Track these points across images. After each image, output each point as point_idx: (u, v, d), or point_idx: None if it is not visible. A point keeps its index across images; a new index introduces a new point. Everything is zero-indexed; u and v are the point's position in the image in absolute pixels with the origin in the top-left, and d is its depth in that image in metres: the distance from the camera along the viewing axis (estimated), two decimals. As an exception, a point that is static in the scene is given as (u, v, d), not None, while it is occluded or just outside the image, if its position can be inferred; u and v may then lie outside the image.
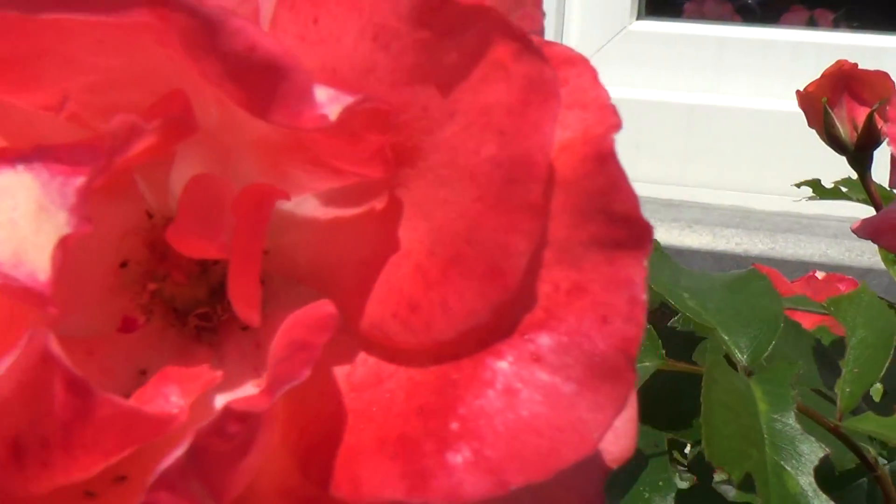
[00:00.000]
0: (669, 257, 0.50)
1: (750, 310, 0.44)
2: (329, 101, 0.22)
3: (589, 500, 0.24)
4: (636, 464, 0.42)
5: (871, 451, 0.42)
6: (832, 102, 0.67)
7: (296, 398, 0.24)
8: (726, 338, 0.42)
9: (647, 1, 2.09)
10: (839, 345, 0.59)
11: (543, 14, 0.26)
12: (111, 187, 0.26)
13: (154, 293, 0.27)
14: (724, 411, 0.36)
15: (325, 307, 0.22)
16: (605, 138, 0.21)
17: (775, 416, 0.37)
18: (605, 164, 0.21)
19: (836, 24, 1.93)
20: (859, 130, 0.66)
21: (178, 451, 0.19)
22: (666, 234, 1.71)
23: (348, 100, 0.21)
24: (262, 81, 0.21)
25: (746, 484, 0.35)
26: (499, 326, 0.22)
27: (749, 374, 0.41)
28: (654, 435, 0.44)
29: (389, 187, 0.24)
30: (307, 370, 0.21)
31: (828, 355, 0.53)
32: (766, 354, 0.42)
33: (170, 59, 0.23)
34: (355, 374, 0.24)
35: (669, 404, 0.43)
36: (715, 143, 1.91)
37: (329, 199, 0.26)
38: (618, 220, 0.21)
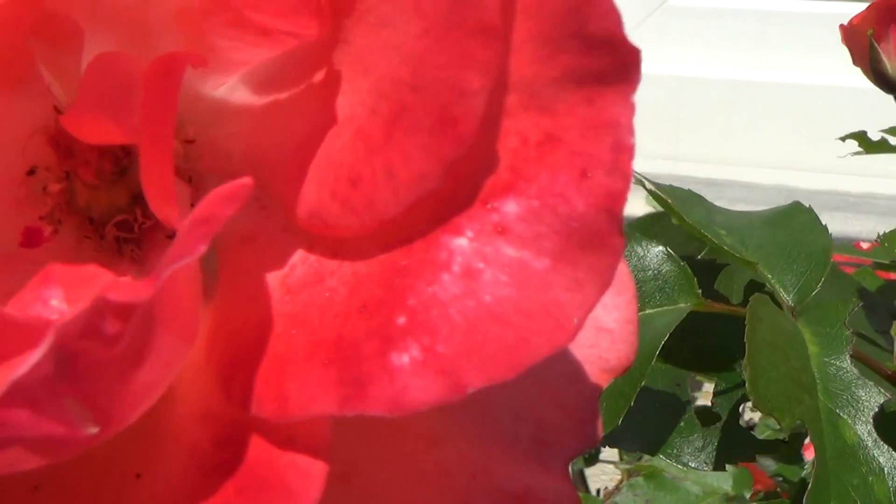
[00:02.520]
0: (702, 197, 0.45)
1: (795, 245, 0.40)
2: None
3: (580, 418, 0.20)
4: (655, 403, 0.37)
5: None
6: (879, 36, 0.62)
7: (222, 307, 0.20)
8: (769, 276, 0.38)
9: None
10: (887, 289, 0.54)
11: None
12: (9, 81, 0.22)
13: (62, 197, 0.22)
14: (772, 352, 0.33)
15: (241, 181, 0.18)
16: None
17: (827, 360, 0.34)
18: (576, -26, 0.16)
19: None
20: None
21: (36, 355, 0.15)
22: (709, 212, 1.66)
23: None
24: None
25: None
26: (456, 195, 0.17)
27: (796, 315, 0.36)
28: (676, 374, 0.40)
29: (328, 51, 0.20)
30: (204, 244, 0.16)
31: (874, 300, 0.49)
32: (814, 293, 0.38)
33: None
34: (293, 275, 0.20)
35: (697, 343, 0.39)
36: (758, 120, 1.85)
37: (264, 80, 0.22)
38: (596, 46, 0.16)
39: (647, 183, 0.42)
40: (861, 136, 0.76)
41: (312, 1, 0.19)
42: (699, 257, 0.44)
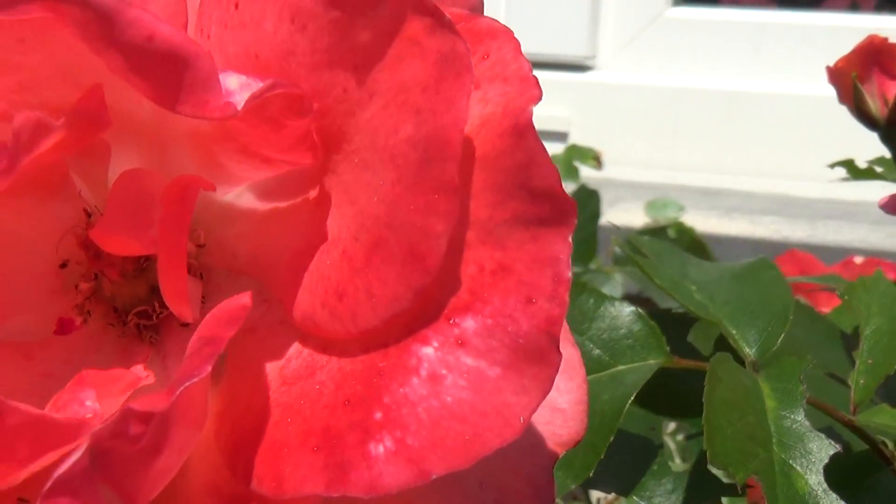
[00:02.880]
0: (678, 249, 0.48)
1: (759, 302, 0.42)
2: (239, 89, 0.21)
3: (539, 485, 0.23)
4: (630, 447, 0.40)
5: (889, 444, 0.40)
6: (862, 77, 0.66)
7: (229, 391, 0.24)
8: (734, 331, 0.41)
9: (684, -13, 2.07)
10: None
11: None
12: (46, 186, 0.26)
13: (91, 292, 0.26)
14: (728, 410, 0.35)
15: (240, 300, 0.22)
16: (523, 111, 0.20)
17: (784, 413, 0.36)
18: (522, 138, 0.20)
19: (878, 8, 1.90)
20: (890, 105, 0.64)
21: (76, 455, 0.18)
22: (703, 223, 1.69)
23: (258, 86, 0.21)
24: (165, 72, 0.21)
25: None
26: (424, 311, 0.21)
27: (757, 368, 0.39)
28: (651, 418, 0.43)
29: (321, 175, 0.23)
30: (208, 365, 0.20)
31: (848, 341, 0.52)
32: (774, 348, 0.40)
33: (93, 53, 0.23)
34: (289, 366, 0.23)
35: (671, 395, 0.42)
36: (754, 130, 1.88)
37: (266, 190, 0.26)
38: (539, 196, 0.20)
39: (622, 241, 0.45)
40: (849, 164, 0.79)
41: (307, 140, 0.22)
42: (674, 310, 0.46)
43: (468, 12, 0.23)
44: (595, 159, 1.48)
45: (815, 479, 0.34)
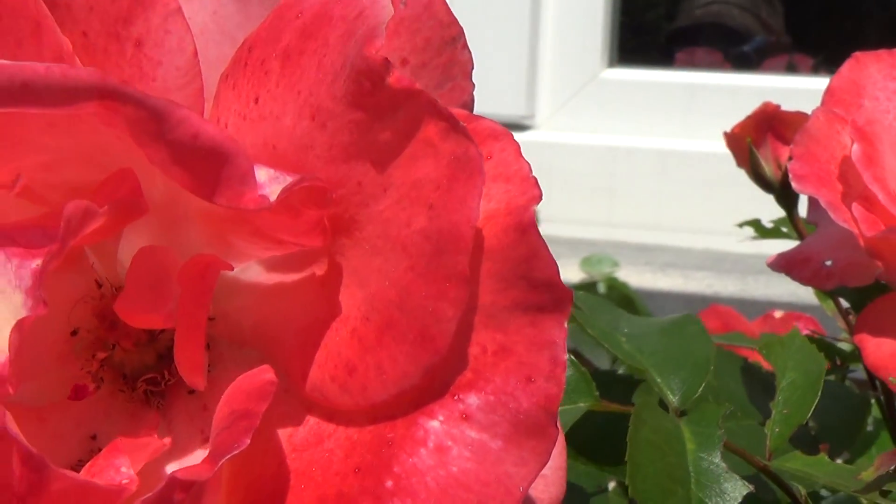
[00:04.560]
0: (611, 304, 0.51)
1: (683, 353, 0.45)
2: (269, 182, 0.23)
3: None
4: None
5: (802, 489, 0.43)
6: (757, 142, 0.70)
7: (240, 460, 0.25)
8: (659, 380, 0.44)
9: (621, 49, 2.13)
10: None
11: (473, 85, 0.28)
12: (64, 259, 0.27)
13: (104, 361, 0.28)
14: (651, 450, 0.38)
15: (265, 374, 0.24)
16: (526, 209, 0.22)
17: (702, 455, 0.39)
18: (526, 234, 0.22)
19: (815, 70, 1.96)
20: (783, 169, 0.68)
21: None
22: (638, 278, 1.72)
23: (287, 180, 0.23)
24: (206, 166, 0.22)
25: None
26: (431, 387, 0.23)
27: (680, 414, 0.42)
28: (598, 476, 0.45)
29: (329, 254, 0.25)
30: (247, 438, 0.22)
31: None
32: (696, 396, 0.43)
33: (118, 139, 0.25)
34: (297, 434, 0.25)
35: (610, 444, 0.44)
36: (688, 188, 1.93)
37: (272, 265, 0.27)
38: (539, 286, 0.22)
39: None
40: (756, 224, 0.83)
41: (319, 226, 0.24)
42: (619, 372, 0.49)
43: (467, 112, 0.25)
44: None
45: None
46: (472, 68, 0.29)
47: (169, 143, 0.22)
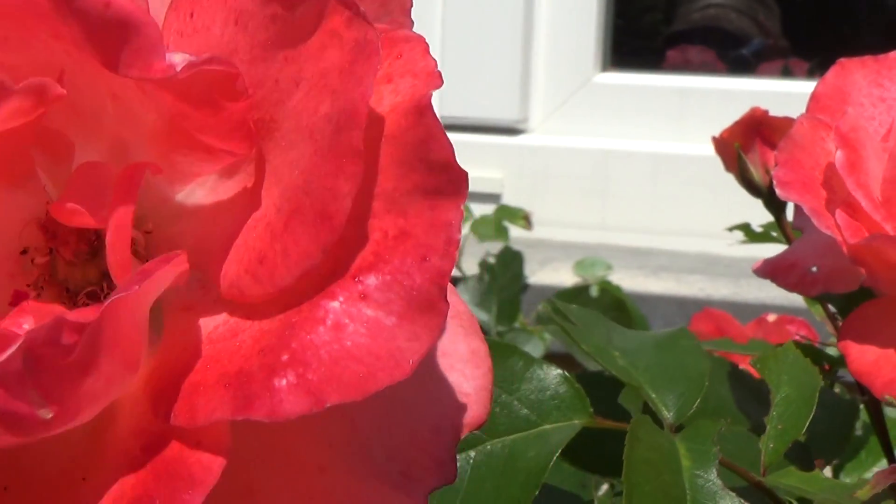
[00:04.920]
0: (603, 318, 0.51)
1: (677, 368, 0.45)
2: (182, 62, 0.24)
3: (441, 460, 0.26)
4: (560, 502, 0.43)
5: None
6: (745, 148, 0.70)
7: (161, 354, 0.26)
8: (654, 395, 0.43)
9: (615, 53, 2.14)
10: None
11: (412, 22, 0.29)
12: (13, 177, 0.28)
13: (46, 269, 0.29)
14: (647, 468, 0.37)
15: (176, 253, 0.25)
16: (424, 95, 0.23)
17: (698, 472, 0.38)
18: (423, 116, 0.23)
19: (811, 74, 1.97)
20: (771, 173, 0.68)
21: (10, 350, 0.21)
22: (631, 281, 1.73)
23: (195, 59, 0.24)
24: (116, 36, 0.23)
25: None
26: (335, 272, 0.24)
27: (675, 430, 0.42)
28: (581, 475, 0.45)
29: (256, 165, 0.26)
30: (137, 285, 0.23)
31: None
32: (691, 412, 0.43)
33: (67, 55, 0.26)
34: (217, 331, 0.26)
35: (599, 454, 0.44)
36: (681, 191, 1.94)
37: (211, 188, 0.29)
38: (436, 168, 0.23)
39: (555, 307, 0.48)
40: (745, 228, 0.83)
41: (244, 127, 0.25)
42: (605, 372, 0.49)
43: (389, 27, 0.26)
44: (525, 219, 1.52)
45: None
46: (411, 6, 0.30)
47: (77, 11, 0.23)
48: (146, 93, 0.27)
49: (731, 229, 0.85)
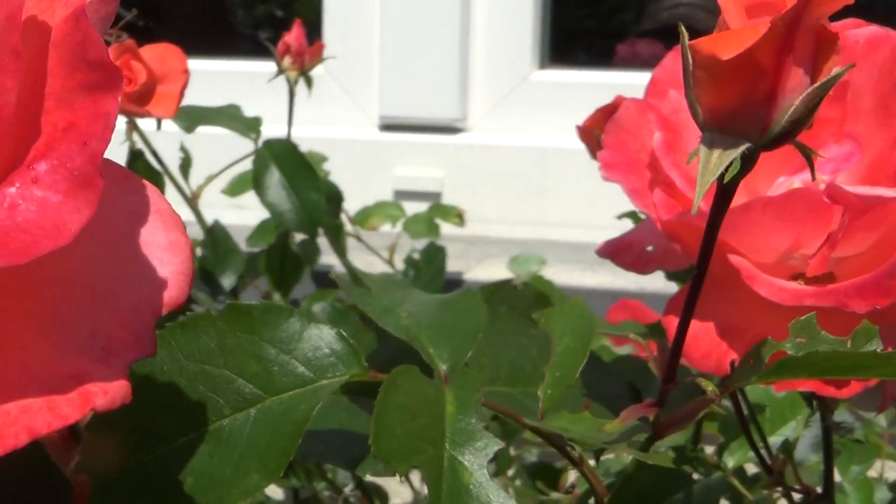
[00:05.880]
0: (406, 284, 0.54)
1: (455, 325, 0.48)
2: None
3: (140, 336, 0.29)
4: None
5: (577, 448, 0.46)
6: None
7: None
8: (431, 350, 0.47)
9: (555, 50, 2.18)
10: (620, 361, 0.64)
11: None
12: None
13: None
14: (400, 413, 0.40)
15: None
16: (80, 5, 0.27)
17: (460, 417, 0.41)
18: (79, 21, 0.27)
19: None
20: None
21: None
22: (567, 276, 1.77)
23: None
24: None
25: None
26: (13, 164, 0.27)
27: (447, 381, 0.45)
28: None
29: None
30: None
31: (605, 369, 0.59)
32: (464, 362, 0.46)
33: None
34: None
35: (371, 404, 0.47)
36: (617, 187, 1.98)
37: None
38: (95, 67, 0.26)
39: (354, 276, 0.51)
40: (633, 215, 0.86)
41: None
42: None
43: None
44: (458, 217, 1.55)
45: (479, 472, 0.39)
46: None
47: None
48: None
49: (620, 217, 0.88)
